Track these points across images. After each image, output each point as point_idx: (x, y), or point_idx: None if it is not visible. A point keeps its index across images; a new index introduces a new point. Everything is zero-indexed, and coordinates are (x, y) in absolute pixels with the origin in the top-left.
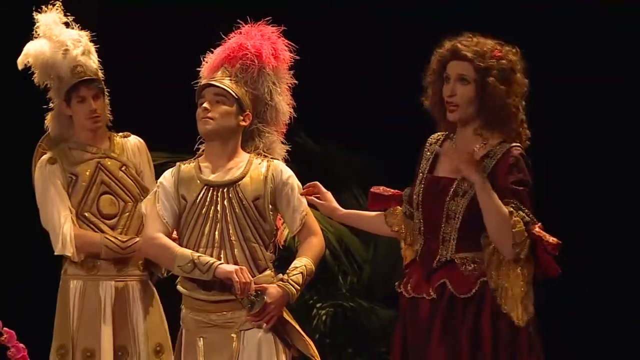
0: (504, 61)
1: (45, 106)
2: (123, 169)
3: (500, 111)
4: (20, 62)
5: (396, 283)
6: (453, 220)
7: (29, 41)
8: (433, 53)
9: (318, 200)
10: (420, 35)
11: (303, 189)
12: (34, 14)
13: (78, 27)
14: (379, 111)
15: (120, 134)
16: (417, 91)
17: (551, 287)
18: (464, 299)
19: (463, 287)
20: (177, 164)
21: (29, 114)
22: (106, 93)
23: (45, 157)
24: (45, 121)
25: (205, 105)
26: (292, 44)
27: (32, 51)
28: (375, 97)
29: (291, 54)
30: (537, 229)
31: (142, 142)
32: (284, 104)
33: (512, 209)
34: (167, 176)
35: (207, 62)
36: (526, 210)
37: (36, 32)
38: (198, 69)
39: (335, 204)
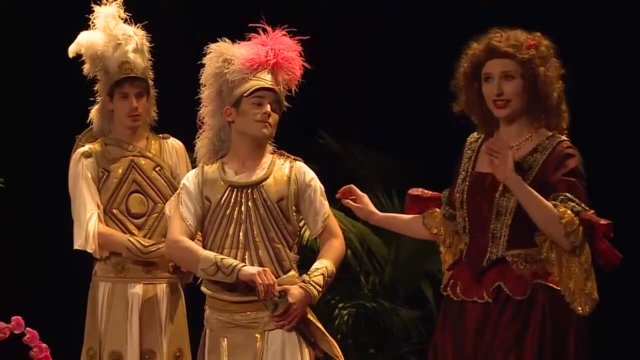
0: (541, 48)
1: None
2: (157, 169)
3: (552, 100)
4: (72, 50)
5: (441, 286)
6: (503, 217)
7: (81, 31)
8: (462, 56)
9: (354, 204)
10: (446, 37)
11: (338, 193)
12: (94, 5)
13: (137, 25)
14: (402, 111)
15: (160, 135)
16: (440, 92)
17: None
18: (518, 301)
19: (519, 288)
20: (200, 164)
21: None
22: (153, 93)
23: (80, 150)
24: (90, 115)
25: (268, 109)
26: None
27: (85, 41)
28: (399, 97)
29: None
30: (588, 214)
31: (180, 144)
32: None
33: (558, 202)
34: (191, 177)
35: (245, 55)
36: (576, 200)
37: (93, 23)
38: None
39: (372, 208)
